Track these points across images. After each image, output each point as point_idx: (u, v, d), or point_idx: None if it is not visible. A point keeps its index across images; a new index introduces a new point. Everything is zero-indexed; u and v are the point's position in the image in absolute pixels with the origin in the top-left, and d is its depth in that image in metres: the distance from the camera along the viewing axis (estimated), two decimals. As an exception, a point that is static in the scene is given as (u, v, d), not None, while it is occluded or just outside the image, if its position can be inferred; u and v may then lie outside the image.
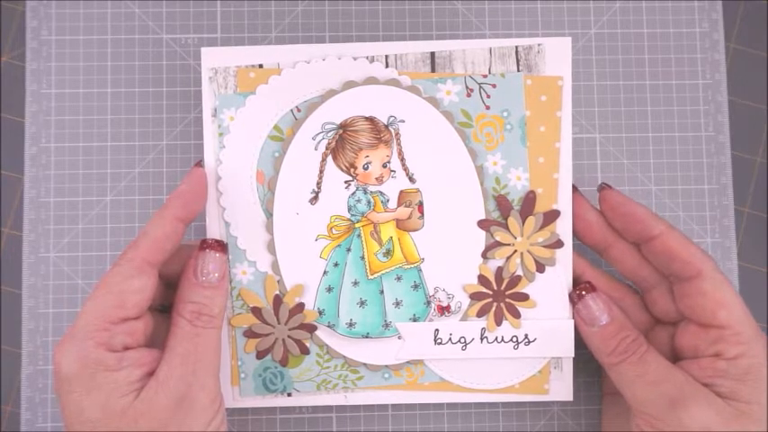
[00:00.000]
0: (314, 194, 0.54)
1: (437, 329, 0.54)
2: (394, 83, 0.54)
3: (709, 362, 0.49)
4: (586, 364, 0.57)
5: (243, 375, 0.54)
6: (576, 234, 0.55)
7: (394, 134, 0.54)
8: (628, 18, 0.61)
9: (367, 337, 0.54)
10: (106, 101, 0.59)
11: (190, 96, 0.59)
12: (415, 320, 0.54)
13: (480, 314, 0.54)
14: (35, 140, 0.58)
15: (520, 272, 0.54)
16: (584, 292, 0.53)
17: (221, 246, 0.52)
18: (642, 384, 0.50)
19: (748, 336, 0.49)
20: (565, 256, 0.54)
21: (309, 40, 0.60)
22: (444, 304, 0.54)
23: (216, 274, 0.50)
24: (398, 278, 0.54)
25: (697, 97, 0.61)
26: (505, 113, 0.54)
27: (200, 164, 0.53)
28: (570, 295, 0.54)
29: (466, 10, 0.60)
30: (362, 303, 0.54)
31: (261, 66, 0.54)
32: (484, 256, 0.54)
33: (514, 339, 0.54)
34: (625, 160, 0.60)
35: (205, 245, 0.51)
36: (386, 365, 0.55)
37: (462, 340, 0.54)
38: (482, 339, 0.54)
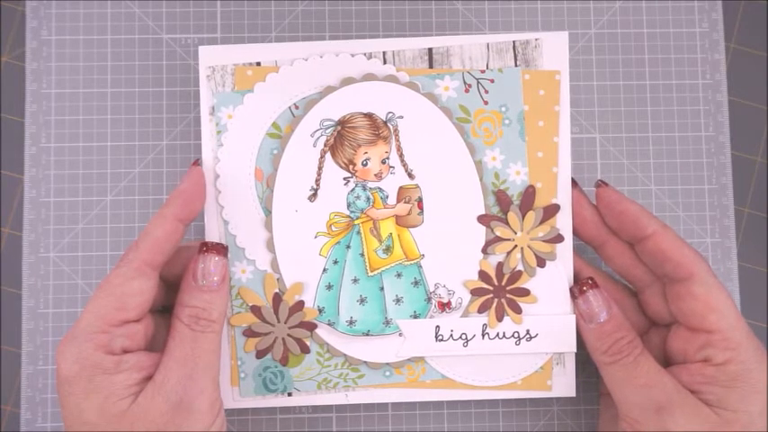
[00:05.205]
0: (313, 191, 0.54)
1: (438, 326, 0.54)
2: (392, 79, 0.54)
3: (698, 368, 0.49)
4: (586, 364, 0.56)
5: (242, 375, 0.54)
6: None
7: (392, 130, 0.54)
8: (628, 18, 0.61)
9: (367, 335, 0.54)
10: (106, 101, 0.59)
11: (190, 96, 0.59)
12: (415, 317, 0.54)
13: (481, 310, 0.54)
14: (35, 140, 0.58)
15: (520, 267, 0.54)
16: (585, 288, 0.52)
17: (221, 249, 0.51)
18: (631, 387, 0.49)
19: (737, 341, 0.48)
20: (565, 250, 0.54)
21: (309, 39, 0.60)
22: (445, 300, 0.54)
23: (216, 278, 0.50)
24: (398, 275, 0.54)
25: (697, 97, 0.61)
26: (504, 108, 0.54)
27: (197, 162, 0.53)
28: (571, 289, 0.53)
29: (465, 10, 0.60)
30: (363, 301, 0.54)
31: (258, 63, 0.54)
32: (484, 251, 0.54)
33: (516, 335, 0.54)
34: (625, 160, 0.60)
35: (205, 248, 0.50)
36: (387, 363, 0.54)
37: (464, 336, 0.54)
38: (483, 335, 0.54)
